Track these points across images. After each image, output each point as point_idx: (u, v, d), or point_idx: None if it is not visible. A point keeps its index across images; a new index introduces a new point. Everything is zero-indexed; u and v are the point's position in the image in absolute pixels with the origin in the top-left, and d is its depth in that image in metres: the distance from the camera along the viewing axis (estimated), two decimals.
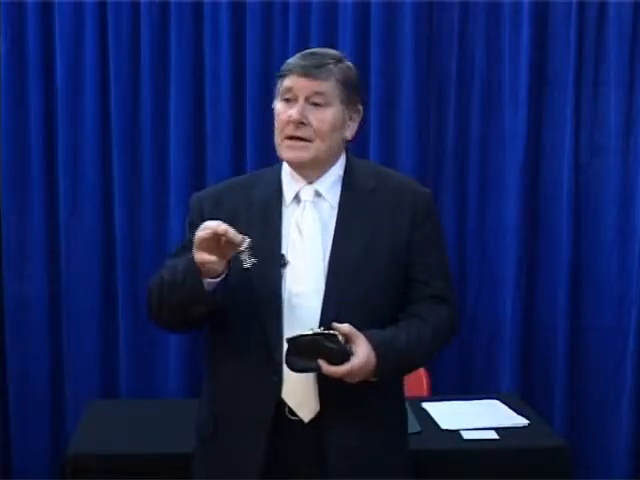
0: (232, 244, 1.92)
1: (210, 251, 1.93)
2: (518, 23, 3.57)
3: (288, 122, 2.06)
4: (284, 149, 2.09)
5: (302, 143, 2.07)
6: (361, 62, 3.58)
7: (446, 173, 3.68)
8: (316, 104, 2.06)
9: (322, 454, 2.07)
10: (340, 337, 1.97)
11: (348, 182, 2.13)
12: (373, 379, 2.03)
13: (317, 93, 2.05)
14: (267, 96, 3.55)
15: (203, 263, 1.94)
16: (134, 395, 3.67)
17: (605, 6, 3.55)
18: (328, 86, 2.06)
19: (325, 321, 2.01)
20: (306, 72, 2.04)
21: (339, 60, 2.10)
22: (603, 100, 3.60)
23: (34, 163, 3.65)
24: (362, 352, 1.98)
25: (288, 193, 2.13)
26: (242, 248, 1.92)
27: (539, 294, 3.69)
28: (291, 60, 2.09)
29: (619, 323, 3.62)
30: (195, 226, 2.01)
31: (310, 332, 1.97)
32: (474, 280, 3.70)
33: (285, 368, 2.02)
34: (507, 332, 3.65)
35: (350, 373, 1.97)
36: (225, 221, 1.97)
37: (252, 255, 1.94)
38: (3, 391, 3.73)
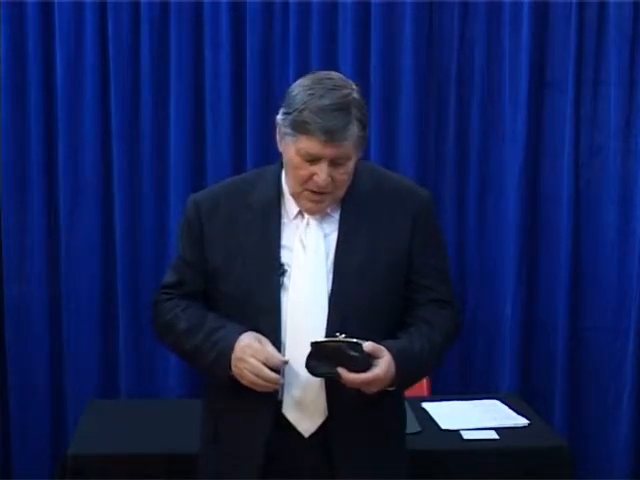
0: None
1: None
2: (518, 23, 3.56)
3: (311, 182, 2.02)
4: (304, 199, 2.05)
5: (323, 196, 2.04)
6: (361, 62, 3.58)
7: (446, 173, 3.68)
8: (339, 163, 2.00)
9: (327, 462, 2.07)
10: (364, 346, 1.96)
11: (349, 190, 2.09)
12: (390, 388, 2.03)
13: (341, 156, 1.99)
14: (267, 96, 3.58)
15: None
16: (134, 395, 3.67)
17: (605, 6, 3.55)
18: (350, 145, 1.99)
19: (331, 331, 2.00)
20: (330, 139, 1.95)
21: (353, 100, 1.98)
22: (603, 100, 3.60)
23: (34, 163, 3.65)
24: (384, 362, 1.98)
25: (291, 208, 2.10)
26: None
27: (539, 294, 3.68)
28: (309, 115, 1.95)
29: (619, 323, 3.61)
30: (192, 231, 2.11)
31: (335, 338, 1.96)
32: (474, 280, 3.70)
33: (285, 382, 2.02)
34: (507, 332, 3.65)
35: (371, 382, 1.97)
36: (222, 226, 2.05)
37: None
38: (3, 391, 3.73)
